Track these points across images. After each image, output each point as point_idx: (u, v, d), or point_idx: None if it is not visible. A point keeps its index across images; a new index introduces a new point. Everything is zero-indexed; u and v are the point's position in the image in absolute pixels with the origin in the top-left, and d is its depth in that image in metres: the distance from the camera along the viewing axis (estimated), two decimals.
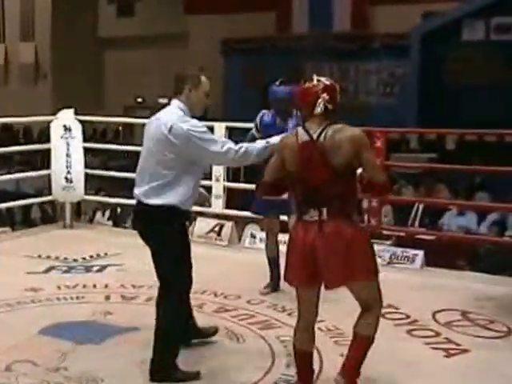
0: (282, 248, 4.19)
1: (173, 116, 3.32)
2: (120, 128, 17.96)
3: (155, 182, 3.28)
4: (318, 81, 3.02)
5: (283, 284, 4.54)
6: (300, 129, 3.04)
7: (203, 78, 3.45)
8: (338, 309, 4.26)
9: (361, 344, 3.14)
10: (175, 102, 3.41)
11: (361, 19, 15.04)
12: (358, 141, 2.94)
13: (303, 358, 3.14)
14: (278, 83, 4.49)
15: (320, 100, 2.98)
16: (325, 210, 2.94)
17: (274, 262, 4.67)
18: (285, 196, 4.18)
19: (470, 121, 7.66)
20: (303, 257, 2.97)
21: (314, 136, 2.96)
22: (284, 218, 4.64)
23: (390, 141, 6.14)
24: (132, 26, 18.03)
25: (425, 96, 13.45)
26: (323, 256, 2.93)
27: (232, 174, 8.07)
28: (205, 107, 3.51)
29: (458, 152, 11.78)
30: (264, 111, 4.58)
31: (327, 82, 3.02)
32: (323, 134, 2.95)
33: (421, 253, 5.53)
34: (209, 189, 6.45)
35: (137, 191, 3.36)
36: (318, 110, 2.98)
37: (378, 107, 14.63)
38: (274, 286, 4.66)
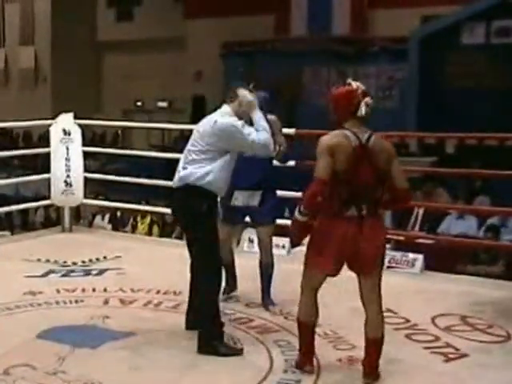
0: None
1: (218, 115, 3.74)
2: (119, 132, 17.96)
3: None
4: (357, 85, 3.20)
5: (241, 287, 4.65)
6: (347, 131, 3.18)
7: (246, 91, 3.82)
8: (336, 314, 4.26)
9: (377, 346, 3.36)
10: (224, 106, 3.78)
11: (360, 23, 15.06)
12: (393, 150, 3.29)
13: (310, 330, 3.42)
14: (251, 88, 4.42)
15: (363, 103, 3.18)
16: (365, 208, 3.19)
17: (230, 268, 4.60)
18: (255, 203, 4.37)
19: (470, 124, 7.65)
20: (341, 248, 3.21)
21: (363, 140, 3.18)
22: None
23: None
24: (131, 30, 18.05)
25: (424, 100, 13.46)
26: (361, 247, 3.20)
27: None
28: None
29: (458, 156, 11.79)
30: None
31: (364, 87, 3.21)
32: (372, 139, 3.20)
33: (420, 257, 5.52)
34: None
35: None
36: (363, 112, 3.18)
37: (377, 111, 14.55)
38: (230, 290, 4.62)
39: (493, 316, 4.43)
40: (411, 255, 5.54)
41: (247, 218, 4.57)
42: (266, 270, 4.49)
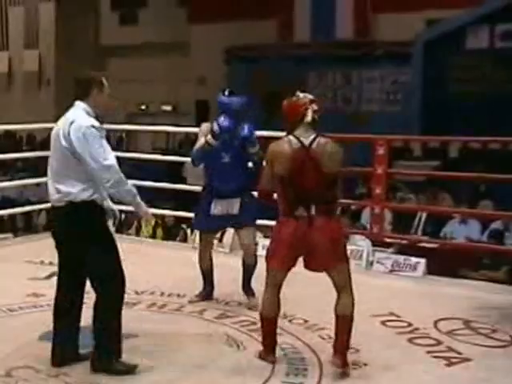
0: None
1: (75, 114, 3.42)
2: (123, 135, 17.98)
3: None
4: (304, 95, 3.49)
5: (224, 292, 4.71)
6: (291, 136, 3.42)
7: (105, 80, 3.53)
8: None
9: (345, 323, 3.50)
10: (80, 104, 3.46)
11: (363, 27, 15.06)
12: (340, 152, 3.49)
13: (272, 325, 3.60)
14: (227, 93, 4.42)
15: (309, 110, 3.44)
16: (313, 208, 3.40)
17: (209, 274, 4.67)
18: (235, 211, 4.43)
19: (474, 129, 7.65)
20: (291, 245, 3.44)
21: (306, 143, 3.40)
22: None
23: (392, 148, 6.14)
24: (135, 35, 18.07)
25: (428, 104, 13.45)
26: (312, 245, 3.42)
27: None
28: (110, 109, 3.61)
29: (462, 160, 11.77)
30: (222, 117, 4.32)
31: (311, 97, 3.49)
32: (315, 142, 3.41)
33: (423, 261, 5.52)
34: None
35: None
36: (309, 118, 3.43)
37: (381, 115, 14.62)
38: (206, 295, 4.67)
39: (496, 321, 4.42)
40: (414, 259, 5.54)
41: (225, 223, 4.65)
42: (248, 268, 4.60)
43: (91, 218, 3.40)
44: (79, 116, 3.38)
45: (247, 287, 4.62)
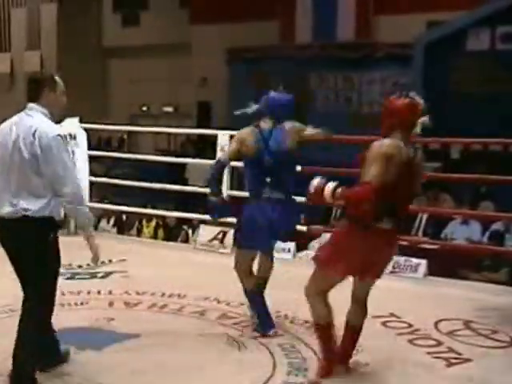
0: None
1: (35, 120, 3.21)
2: (125, 136, 18.01)
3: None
4: (417, 100, 3.21)
5: (225, 293, 4.55)
6: (400, 143, 3.13)
7: (57, 78, 3.35)
8: (342, 318, 4.27)
9: (355, 333, 3.46)
10: (34, 107, 3.27)
11: (364, 28, 15.07)
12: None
13: (331, 330, 3.39)
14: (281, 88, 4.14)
15: (420, 121, 3.18)
16: (397, 221, 3.21)
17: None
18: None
19: (475, 130, 7.65)
20: (365, 256, 3.20)
21: (412, 154, 3.17)
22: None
23: None
24: (137, 36, 18.09)
25: (429, 105, 13.44)
26: (380, 257, 3.28)
27: (237, 183, 8.09)
28: (63, 107, 3.40)
29: (463, 161, 11.78)
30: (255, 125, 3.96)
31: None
32: (416, 154, 3.21)
33: (424, 262, 5.53)
34: None
35: None
36: (418, 130, 3.18)
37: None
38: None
39: (497, 322, 4.44)
40: (414, 260, 5.55)
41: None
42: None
43: (45, 236, 3.21)
44: (41, 122, 3.19)
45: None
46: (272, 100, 3.96)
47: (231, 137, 6.32)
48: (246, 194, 4.21)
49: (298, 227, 6.56)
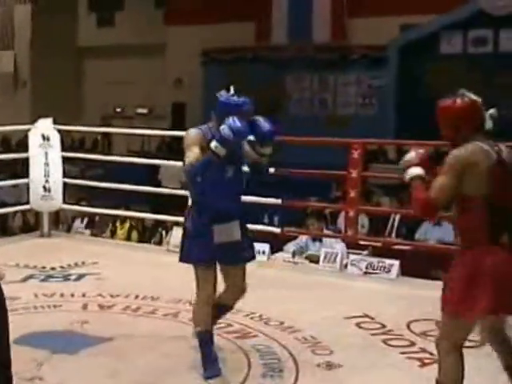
0: None
1: None
2: (99, 138, 17.90)
3: None
4: (473, 97, 2.90)
5: None
6: (484, 145, 2.77)
7: None
8: (315, 320, 4.29)
9: None
10: None
11: (340, 30, 15.17)
12: None
13: None
14: (232, 92, 3.61)
15: (488, 115, 2.89)
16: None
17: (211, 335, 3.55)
18: (237, 236, 3.48)
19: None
20: (503, 284, 2.73)
21: (498, 152, 2.79)
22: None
23: (367, 152, 6.21)
24: (112, 36, 18.01)
25: (403, 108, 13.59)
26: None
27: None
28: None
29: (436, 163, 11.89)
30: (231, 119, 3.32)
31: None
32: (504, 153, 2.81)
33: (397, 263, 5.57)
34: (186, 198, 6.46)
35: None
36: (490, 125, 2.87)
37: (357, 118, 14.75)
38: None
39: None
40: (388, 261, 5.60)
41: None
42: (226, 312, 3.75)
43: None
44: None
45: None
46: (219, 102, 3.55)
47: None
48: None
49: (273, 229, 6.60)
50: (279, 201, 6.15)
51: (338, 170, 6.35)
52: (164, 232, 7.96)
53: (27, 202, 6.78)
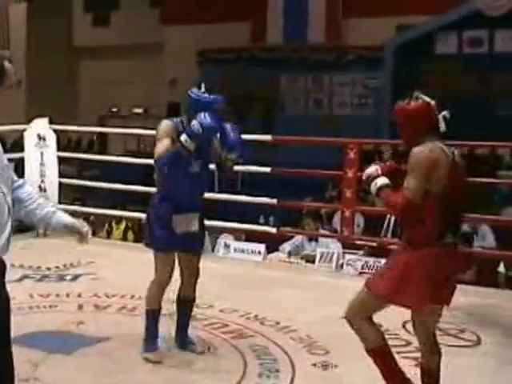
0: None
1: None
2: (95, 138, 17.88)
3: None
4: (426, 99, 3.05)
5: None
6: (440, 145, 2.90)
7: (8, 65, 2.43)
8: (312, 320, 4.30)
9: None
10: None
11: (335, 31, 15.18)
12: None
13: (389, 352, 3.16)
14: (203, 89, 3.64)
15: (440, 117, 2.99)
16: (456, 233, 2.95)
17: (159, 313, 3.75)
18: (194, 228, 3.63)
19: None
20: (437, 280, 2.90)
21: (451, 154, 2.91)
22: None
23: (363, 152, 6.21)
24: (108, 36, 17.99)
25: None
26: (452, 277, 2.96)
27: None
28: None
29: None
30: (202, 114, 3.42)
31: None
32: (455, 154, 2.93)
33: None
34: None
35: None
36: (444, 126, 2.97)
37: (352, 119, 14.76)
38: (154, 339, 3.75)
39: (464, 321, 4.50)
40: (383, 261, 5.59)
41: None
42: (189, 306, 3.87)
43: None
44: None
45: (185, 335, 3.84)
46: (190, 98, 3.64)
47: None
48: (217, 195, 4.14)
49: (268, 229, 6.60)
50: (275, 201, 6.15)
51: (333, 170, 6.36)
52: None
53: None
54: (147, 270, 5.03)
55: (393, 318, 4.42)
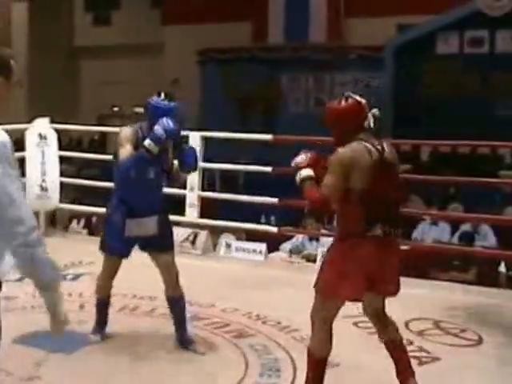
0: None
1: None
2: (96, 137, 17.89)
3: None
4: (358, 97, 3.11)
5: (196, 294, 4.35)
6: (365, 143, 2.98)
7: (13, 63, 2.29)
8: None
9: (399, 347, 3.30)
10: None
11: (336, 31, 15.19)
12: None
13: (324, 364, 3.17)
14: (163, 96, 3.77)
15: (370, 115, 3.08)
16: (388, 225, 3.00)
17: (106, 306, 4.03)
18: (152, 231, 3.79)
19: (444, 133, 7.77)
20: (366, 272, 2.97)
21: (381, 151, 2.99)
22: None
23: None
24: (108, 36, 18.00)
25: (399, 108, 13.61)
26: (385, 269, 3.02)
27: (207, 184, 8.08)
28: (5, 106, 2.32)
29: (433, 163, 11.93)
30: (164, 119, 3.55)
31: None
32: (386, 149, 3.02)
33: None
34: (183, 198, 6.47)
35: None
36: (371, 123, 3.06)
37: None
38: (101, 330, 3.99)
39: (465, 320, 4.51)
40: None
41: (140, 248, 3.97)
42: (178, 304, 3.92)
43: None
44: None
45: (184, 333, 3.88)
46: (150, 105, 3.74)
47: (202, 138, 6.35)
48: (217, 195, 4.17)
49: (270, 228, 6.60)
50: (276, 200, 6.15)
51: None
52: None
53: None
54: (148, 270, 5.04)
55: (395, 318, 4.42)
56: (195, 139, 6.25)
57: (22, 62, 18.70)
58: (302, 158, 3.13)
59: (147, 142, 3.53)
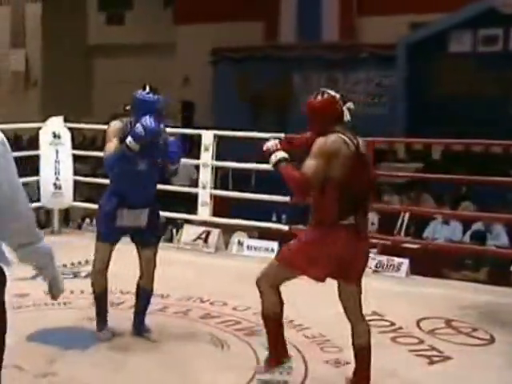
0: None
1: None
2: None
3: None
4: (333, 92, 3.27)
5: (208, 292, 4.50)
6: (342, 136, 3.12)
7: None
8: (325, 317, 4.31)
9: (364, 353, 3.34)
10: None
11: (349, 29, 15.15)
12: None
13: (279, 323, 3.43)
14: (148, 90, 3.91)
15: (345, 109, 3.21)
16: (359, 215, 3.16)
17: (104, 297, 4.08)
18: (143, 223, 3.88)
19: (457, 131, 7.75)
20: (337, 258, 3.15)
21: (356, 144, 3.14)
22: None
23: (377, 150, 6.22)
24: (122, 35, 18.06)
25: (412, 106, 13.56)
26: (355, 257, 3.20)
27: (220, 182, 8.11)
28: None
29: (444, 162, 11.89)
30: (146, 118, 3.69)
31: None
32: (360, 143, 3.17)
33: (406, 261, 5.59)
34: (195, 196, 6.51)
35: None
36: (348, 117, 3.20)
37: (366, 117, 14.71)
38: (104, 324, 4.03)
39: (477, 320, 4.50)
40: (397, 259, 5.61)
41: (128, 237, 4.04)
42: (147, 296, 4.04)
43: None
44: None
45: (142, 321, 4.03)
46: (135, 99, 3.87)
47: (215, 136, 6.38)
48: (231, 193, 4.19)
49: (281, 226, 6.61)
50: (287, 198, 6.16)
51: None
52: (174, 229, 7.99)
53: (38, 200, 6.82)
54: (161, 268, 5.08)
55: (407, 317, 4.44)
56: (208, 137, 6.28)
57: (37, 61, 18.84)
58: (271, 143, 3.23)
59: (128, 140, 3.66)
